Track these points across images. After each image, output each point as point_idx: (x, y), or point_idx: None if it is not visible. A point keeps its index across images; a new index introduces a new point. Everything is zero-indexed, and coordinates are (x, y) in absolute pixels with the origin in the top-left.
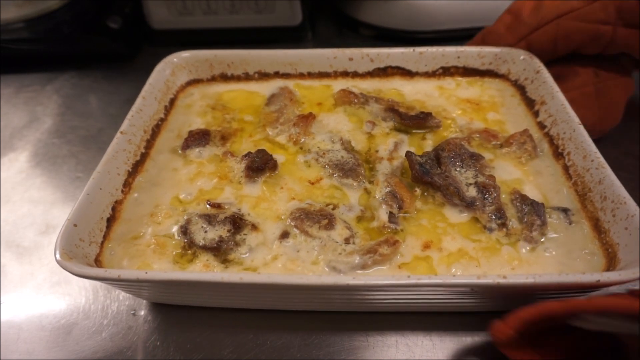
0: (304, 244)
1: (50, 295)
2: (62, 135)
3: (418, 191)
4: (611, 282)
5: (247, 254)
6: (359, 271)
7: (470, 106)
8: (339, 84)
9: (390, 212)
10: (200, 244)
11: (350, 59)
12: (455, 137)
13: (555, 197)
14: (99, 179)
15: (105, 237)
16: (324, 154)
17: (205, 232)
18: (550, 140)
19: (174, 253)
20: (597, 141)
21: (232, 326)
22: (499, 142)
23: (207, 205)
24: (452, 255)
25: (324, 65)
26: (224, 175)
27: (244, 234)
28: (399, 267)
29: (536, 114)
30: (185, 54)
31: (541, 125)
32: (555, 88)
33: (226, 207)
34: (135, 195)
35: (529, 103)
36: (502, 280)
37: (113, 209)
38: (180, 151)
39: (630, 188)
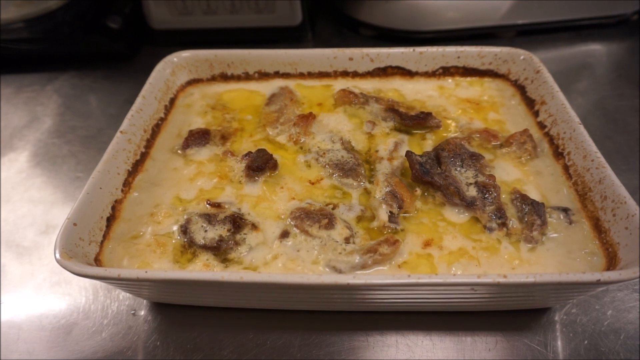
0: (304, 243)
1: (50, 295)
2: (62, 135)
3: (418, 191)
4: (611, 281)
5: (247, 254)
6: (359, 271)
7: (470, 106)
8: (339, 84)
9: (391, 212)
10: (200, 243)
11: (351, 59)
12: (455, 137)
13: (556, 197)
14: (99, 178)
15: (105, 236)
16: (324, 153)
17: (205, 231)
18: (550, 140)
19: (174, 252)
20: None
21: (232, 326)
22: (499, 142)
23: (207, 205)
24: (453, 254)
25: (324, 65)
26: (224, 174)
27: (244, 234)
28: (399, 265)
29: (536, 113)
30: (185, 54)
31: (541, 125)
32: (555, 88)
33: (226, 206)
34: (135, 194)
35: (529, 103)
36: (502, 280)
37: (113, 208)
38: (180, 151)
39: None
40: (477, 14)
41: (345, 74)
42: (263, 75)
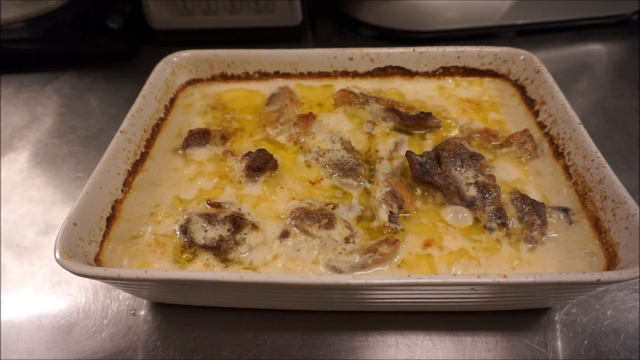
0: (304, 243)
1: (50, 295)
2: (62, 135)
3: (418, 191)
4: (611, 281)
5: (247, 254)
6: (359, 271)
7: (470, 106)
8: (339, 84)
9: (391, 212)
10: (200, 243)
11: (351, 59)
12: (455, 137)
13: (556, 197)
14: (99, 178)
15: (105, 236)
16: (324, 153)
17: (206, 231)
18: (551, 140)
19: (174, 252)
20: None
21: (232, 326)
22: (499, 142)
23: (207, 205)
24: (453, 254)
25: (324, 65)
26: (224, 174)
27: (244, 234)
28: (399, 265)
29: (536, 113)
30: (186, 54)
31: (541, 125)
32: (555, 88)
33: (226, 206)
34: (135, 194)
35: (529, 103)
36: (502, 280)
37: (113, 208)
38: (180, 151)
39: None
40: (477, 14)
41: (345, 74)
42: (263, 75)
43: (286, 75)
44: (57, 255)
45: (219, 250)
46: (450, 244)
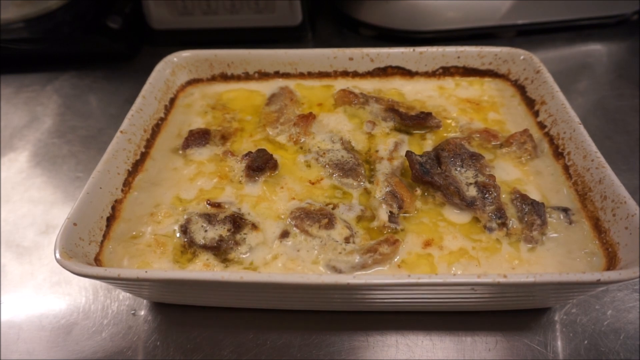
0: (304, 243)
1: (50, 295)
2: (62, 135)
3: (418, 191)
4: (611, 281)
5: (247, 254)
6: (359, 271)
7: (470, 106)
8: (339, 84)
9: (391, 212)
10: (201, 243)
11: (351, 59)
12: (455, 137)
13: (555, 197)
14: (99, 178)
15: (105, 236)
16: (324, 153)
17: (206, 231)
18: (551, 140)
19: (174, 252)
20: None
21: (232, 326)
22: (499, 142)
23: (207, 205)
24: (453, 254)
25: (324, 65)
26: (224, 174)
27: (244, 234)
28: (399, 265)
29: (536, 113)
30: (186, 54)
31: (541, 125)
32: (555, 88)
33: (226, 206)
34: (135, 194)
35: (529, 103)
36: (502, 280)
37: (113, 208)
38: (180, 151)
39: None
40: (477, 14)
41: (345, 74)
42: (263, 75)
43: (286, 75)
44: (57, 255)
45: (219, 250)
46: (450, 243)
